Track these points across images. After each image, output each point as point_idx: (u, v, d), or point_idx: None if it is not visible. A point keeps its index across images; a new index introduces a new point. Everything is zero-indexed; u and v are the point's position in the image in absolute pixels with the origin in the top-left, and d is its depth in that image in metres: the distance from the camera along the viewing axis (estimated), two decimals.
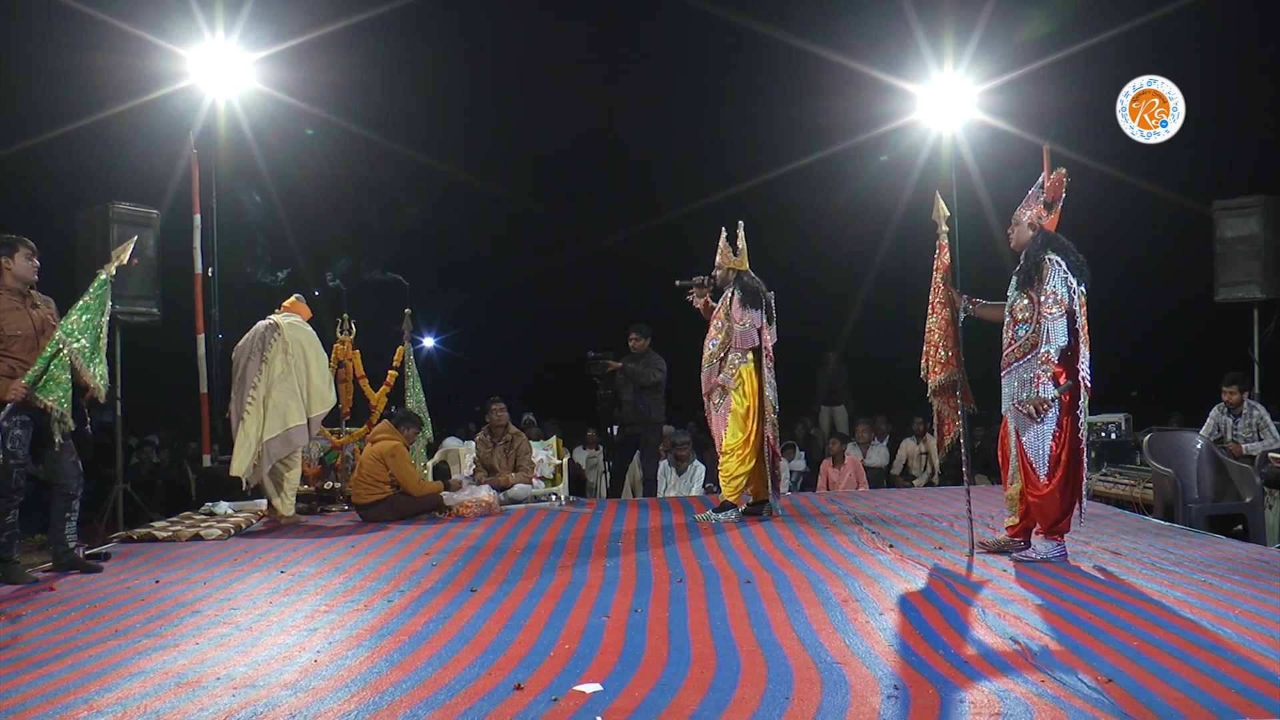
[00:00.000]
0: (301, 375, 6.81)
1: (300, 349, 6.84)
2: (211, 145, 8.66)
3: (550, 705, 2.83)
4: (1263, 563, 4.65)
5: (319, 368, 6.93)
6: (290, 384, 6.75)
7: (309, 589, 4.61)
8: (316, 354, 6.97)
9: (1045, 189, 4.82)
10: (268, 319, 7.04)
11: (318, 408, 6.89)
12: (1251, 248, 8.82)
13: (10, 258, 5.05)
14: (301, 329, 6.98)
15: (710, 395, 6.56)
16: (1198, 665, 3.03)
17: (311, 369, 6.86)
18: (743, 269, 6.51)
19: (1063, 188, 4.78)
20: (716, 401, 6.51)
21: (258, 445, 6.67)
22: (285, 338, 6.83)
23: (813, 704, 2.79)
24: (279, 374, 6.73)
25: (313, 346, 6.95)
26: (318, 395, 6.87)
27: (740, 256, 6.51)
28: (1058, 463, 4.66)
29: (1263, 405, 7.70)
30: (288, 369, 6.75)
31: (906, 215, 12.41)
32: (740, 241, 6.51)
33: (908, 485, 10.31)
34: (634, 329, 8.61)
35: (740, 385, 6.40)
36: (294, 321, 7.01)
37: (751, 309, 6.37)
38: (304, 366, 6.82)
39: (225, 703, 2.93)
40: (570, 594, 4.31)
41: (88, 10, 9.46)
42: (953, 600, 3.98)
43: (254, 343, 6.88)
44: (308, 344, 6.91)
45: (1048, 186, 4.81)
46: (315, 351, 6.96)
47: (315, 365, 6.90)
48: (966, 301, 5.09)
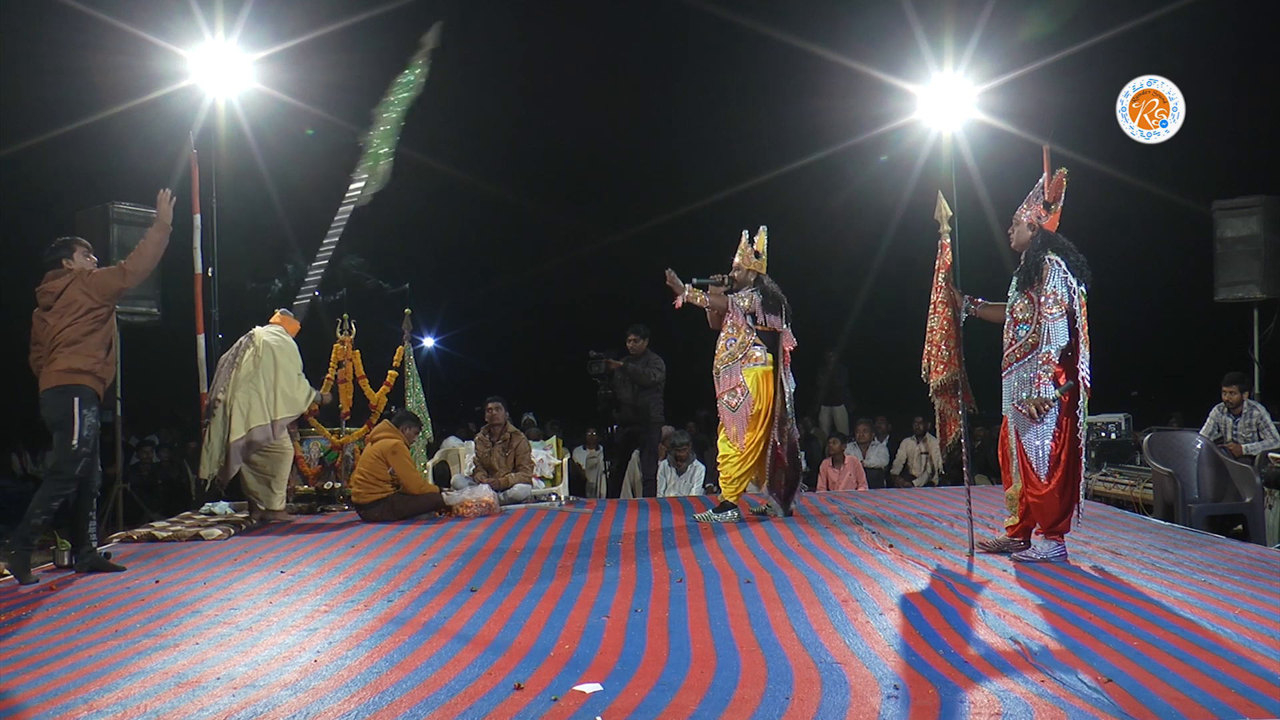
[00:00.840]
0: (269, 377, 6.74)
1: (270, 353, 6.78)
2: (211, 145, 8.65)
3: (550, 705, 2.83)
4: (1263, 563, 4.65)
5: (288, 373, 6.83)
6: (255, 385, 6.68)
7: (309, 589, 4.61)
8: (289, 359, 6.88)
9: (1046, 189, 4.82)
10: (250, 331, 7.06)
11: (284, 411, 6.78)
12: (1251, 248, 8.82)
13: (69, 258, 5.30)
14: (278, 338, 6.95)
15: (723, 395, 6.50)
16: (1198, 665, 3.03)
17: (279, 373, 6.78)
18: (761, 272, 6.52)
19: (1063, 188, 4.78)
20: (731, 402, 6.46)
21: (222, 448, 6.66)
22: (256, 343, 6.81)
23: (813, 704, 2.79)
24: (244, 376, 6.70)
25: (284, 352, 6.87)
26: (284, 399, 6.78)
27: (760, 260, 6.51)
28: (1057, 463, 4.66)
29: (1263, 405, 7.70)
30: (254, 371, 6.71)
31: (907, 215, 12.41)
32: (761, 245, 6.51)
33: (908, 485, 10.32)
34: (632, 330, 8.62)
35: (755, 388, 6.40)
36: (274, 331, 7.01)
37: (772, 314, 6.40)
38: (272, 370, 6.76)
39: (225, 703, 2.93)
40: (570, 594, 4.31)
41: (88, 10, 9.46)
42: (953, 600, 3.98)
43: (230, 354, 6.93)
44: (279, 350, 6.85)
45: (1048, 186, 4.81)
46: (287, 357, 6.87)
47: (284, 370, 6.81)
48: (968, 301, 5.10)
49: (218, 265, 8.55)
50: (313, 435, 8.02)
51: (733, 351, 6.46)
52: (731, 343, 6.47)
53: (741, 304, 6.44)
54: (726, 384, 6.49)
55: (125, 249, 8.21)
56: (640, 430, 8.57)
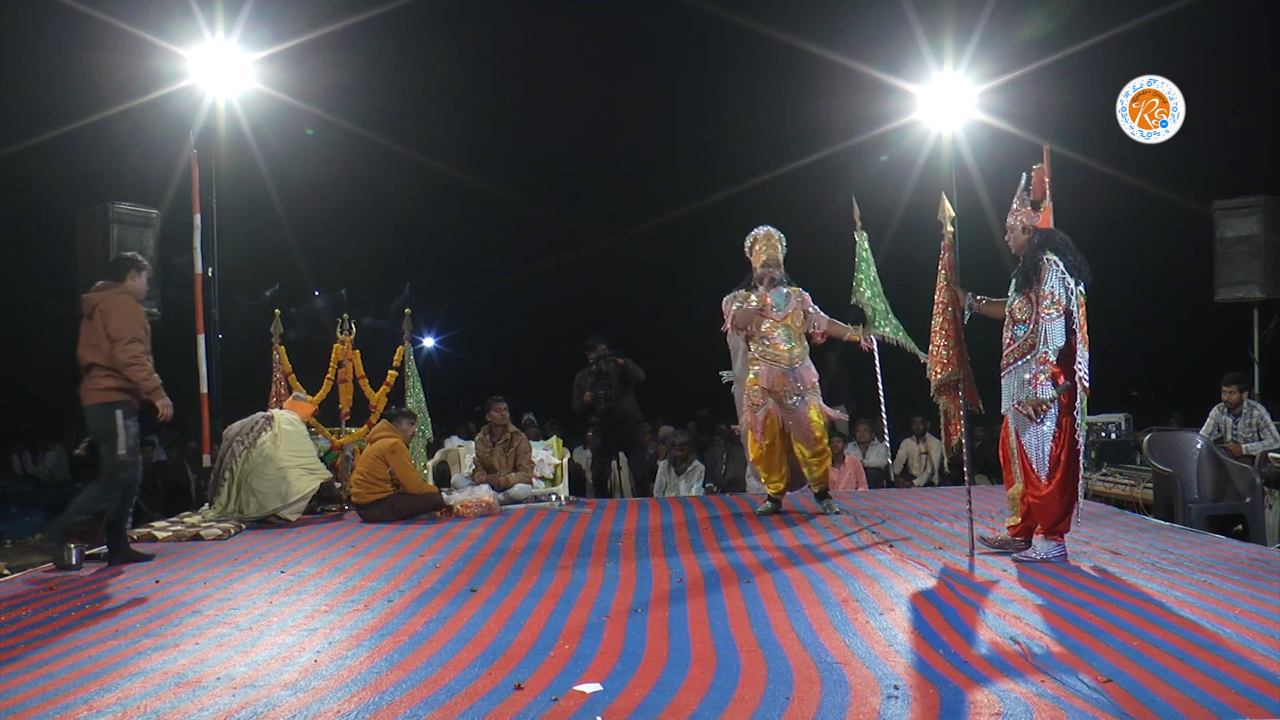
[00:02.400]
0: (285, 462, 7.01)
1: (289, 440, 7.12)
2: (211, 145, 8.64)
3: (550, 705, 2.83)
4: (1263, 563, 4.65)
5: (301, 462, 7.11)
6: (268, 471, 6.94)
7: (309, 589, 4.61)
8: (300, 445, 7.20)
9: (1030, 189, 4.83)
10: (266, 412, 7.41)
11: (295, 494, 7.00)
12: (1251, 248, 8.82)
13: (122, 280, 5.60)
14: (294, 425, 7.29)
15: (786, 396, 6.37)
16: (1198, 665, 3.03)
17: (291, 466, 7.03)
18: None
19: (1045, 184, 4.80)
20: (794, 402, 6.37)
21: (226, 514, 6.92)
22: (276, 429, 7.14)
23: (813, 704, 2.79)
24: (258, 461, 6.95)
25: (295, 439, 7.19)
26: (295, 486, 7.00)
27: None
28: (1057, 464, 4.66)
29: (1263, 405, 7.69)
30: (268, 458, 6.97)
31: (907, 215, 12.40)
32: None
33: (908, 485, 10.31)
34: (599, 341, 8.67)
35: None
36: (291, 418, 7.34)
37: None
38: (287, 456, 7.04)
39: (225, 703, 2.93)
40: (570, 594, 4.31)
41: (88, 10, 9.47)
42: (953, 600, 3.99)
43: (245, 429, 7.17)
44: (296, 436, 7.21)
45: (1032, 186, 4.82)
46: (298, 444, 7.19)
47: (297, 460, 7.10)
48: (971, 299, 5.10)
49: (217, 265, 8.55)
50: (313, 435, 8.02)
51: (799, 353, 6.44)
52: (794, 343, 6.42)
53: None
54: (798, 384, 6.40)
55: (125, 249, 8.22)
56: (628, 430, 8.61)
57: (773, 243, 6.50)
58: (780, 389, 6.36)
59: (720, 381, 7.01)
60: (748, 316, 6.40)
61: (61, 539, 5.36)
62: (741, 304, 6.45)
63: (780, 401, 6.39)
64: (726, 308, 6.55)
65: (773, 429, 6.45)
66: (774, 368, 6.36)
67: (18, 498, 10.76)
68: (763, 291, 6.41)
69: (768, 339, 6.40)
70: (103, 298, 5.47)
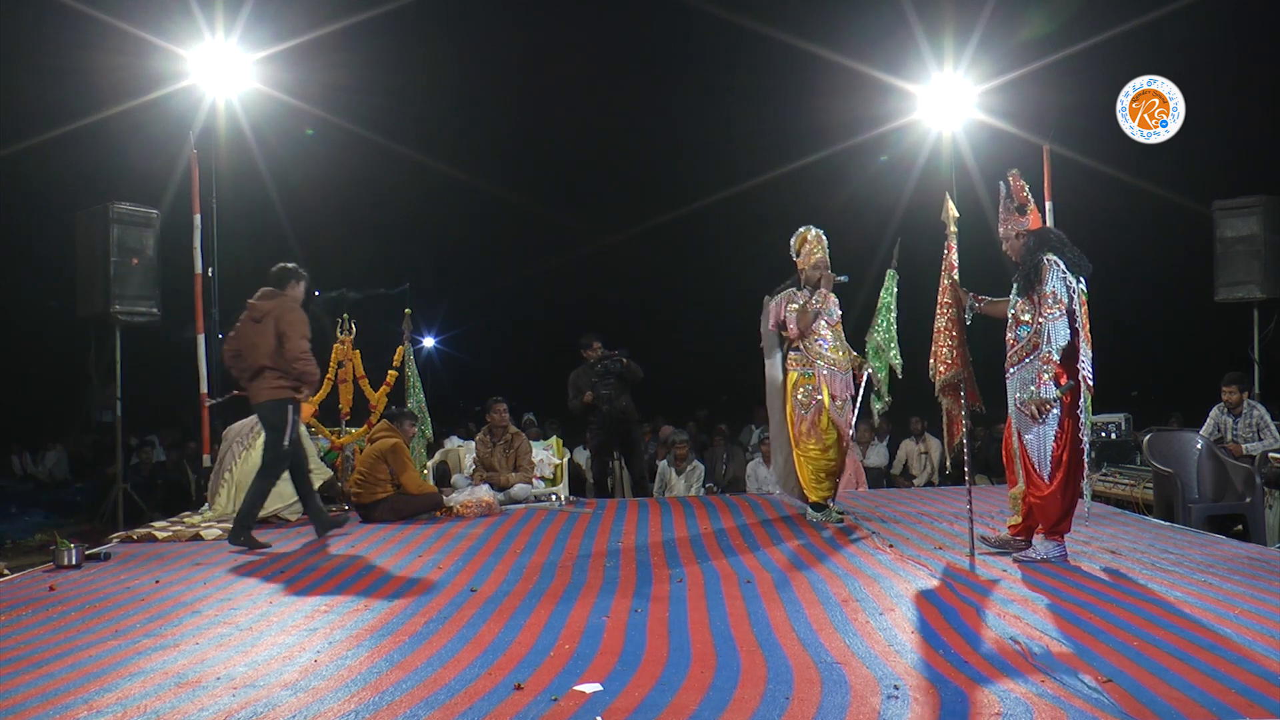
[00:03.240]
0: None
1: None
2: (211, 145, 8.65)
3: (550, 705, 2.83)
4: (1263, 563, 4.65)
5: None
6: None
7: (309, 589, 4.61)
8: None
9: (1011, 196, 4.83)
10: None
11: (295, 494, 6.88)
12: (1251, 248, 8.82)
13: (284, 289, 6.03)
14: None
15: (839, 397, 6.26)
16: (1198, 665, 3.03)
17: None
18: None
19: (1024, 188, 4.83)
20: (843, 405, 6.28)
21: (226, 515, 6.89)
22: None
23: (813, 704, 2.79)
24: (258, 462, 6.83)
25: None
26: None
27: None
28: (1059, 464, 4.66)
29: (1263, 405, 7.69)
30: None
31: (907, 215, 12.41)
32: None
33: (908, 485, 10.31)
34: (594, 339, 8.63)
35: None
36: None
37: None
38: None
39: (225, 703, 2.93)
40: (570, 594, 4.31)
41: (88, 10, 9.46)
42: (952, 600, 3.99)
43: (245, 429, 7.19)
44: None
45: (1013, 192, 4.83)
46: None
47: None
48: (973, 299, 5.10)
49: (218, 265, 8.55)
50: (313, 435, 8.02)
51: (853, 357, 6.35)
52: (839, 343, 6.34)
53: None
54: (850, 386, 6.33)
55: (125, 249, 8.24)
56: (626, 430, 8.59)
57: (823, 243, 6.39)
58: (840, 394, 6.27)
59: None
60: (810, 318, 6.25)
61: (246, 528, 5.82)
62: (800, 305, 6.28)
63: (834, 404, 6.26)
64: (777, 308, 6.35)
65: (833, 430, 6.26)
66: (835, 371, 6.27)
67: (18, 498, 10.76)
68: (824, 292, 6.31)
69: (825, 342, 6.27)
70: (274, 305, 5.90)
